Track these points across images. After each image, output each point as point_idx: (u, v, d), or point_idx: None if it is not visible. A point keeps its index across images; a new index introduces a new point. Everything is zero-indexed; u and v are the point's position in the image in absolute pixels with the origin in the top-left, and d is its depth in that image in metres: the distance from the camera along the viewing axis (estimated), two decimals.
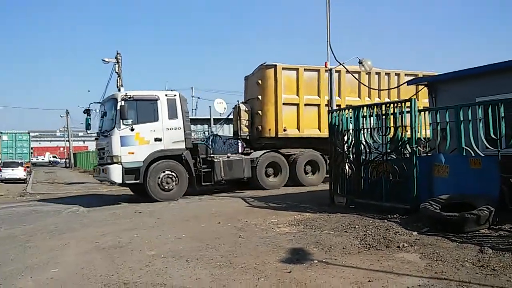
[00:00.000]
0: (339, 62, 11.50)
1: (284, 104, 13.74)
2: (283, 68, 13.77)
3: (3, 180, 26.34)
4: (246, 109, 14.52)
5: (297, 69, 13.91)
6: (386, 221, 7.29)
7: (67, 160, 53.74)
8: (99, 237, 7.58)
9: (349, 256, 5.51)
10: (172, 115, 11.98)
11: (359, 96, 14.58)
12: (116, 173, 11.37)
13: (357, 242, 6.16)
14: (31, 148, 45.62)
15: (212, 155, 13.08)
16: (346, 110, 9.37)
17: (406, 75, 14.65)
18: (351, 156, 9.11)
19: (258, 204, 10.69)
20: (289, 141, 14.06)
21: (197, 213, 9.89)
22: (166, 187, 11.83)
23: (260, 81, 14.00)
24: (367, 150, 8.69)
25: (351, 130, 9.09)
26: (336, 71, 13.31)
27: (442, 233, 6.20)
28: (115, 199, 13.49)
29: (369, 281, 4.50)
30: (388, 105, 8.52)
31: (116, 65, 20.63)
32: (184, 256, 5.89)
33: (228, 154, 13.67)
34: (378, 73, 14.82)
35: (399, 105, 8.15)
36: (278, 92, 13.66)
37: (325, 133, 13.03)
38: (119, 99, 11.48)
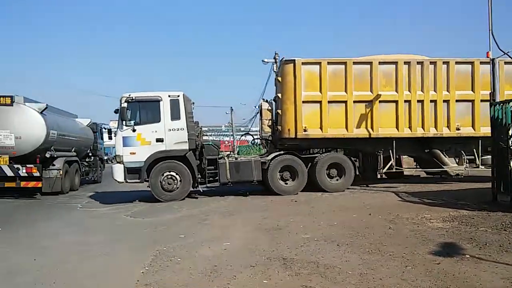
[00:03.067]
0: (503, 52, 10.45)
1: (304, 102, 12.32)
2: (303, 63, 12.36)
3: None
4: (269, 107, 13.68)
5: (319, 63, 12.37)
6: None
7: (231, 153, 58.85)
8: (261, 219, 8.60)
9: (505, 254, 5.34)
10: (175, 116, 11.83)
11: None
12: (118, 172, 11.79)
13: None
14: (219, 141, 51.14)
15: (219, 156, 12.62)
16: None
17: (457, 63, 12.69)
18: None
19: (411, 199, 10.57)
20: (313, 142, 12.89)
21: (349, 204, 10.32)
22: (168, 188, 11.79)
23: (279, 78, 12.86)
24: None
25: None
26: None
27: None
28: None
29: None
30: None
31: (274, 65, 22.11)
32: (335, 241, 6.42)
33: (236, 156, 13.30)
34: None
35: None
36: (297, 89, 12.29)
37: (354, 133, 12.45)
38: (122, 101, 11.72)
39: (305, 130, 12.28)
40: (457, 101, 12.54)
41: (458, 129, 12.52)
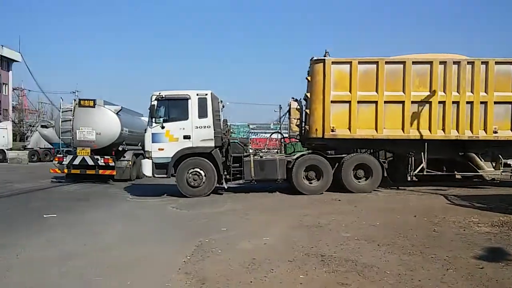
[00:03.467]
0: None
1: (332, 101, 12.18)
2: (333, 62, 12.23)
3: None
4: (298, 106, 13.46)
5: (350, 62, 12.19)
6: None
7: (278, 150, 59.26)
8: (301, 216, 8.64)
9: None
10: (202, 114, 12.07)
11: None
12: (147, 167, 12.18)
13: None
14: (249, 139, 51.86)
15: (245, 154, 12.56)
16: None
17: (497, 63, 12.08)
18: None
19: (460, 202, 10.24)
20: (341, 142, 12.60)
21: (393, 205, 10.14)
22: (193, 184, 12.01)
23: (309, 78, 12.63)
24: None
25: None
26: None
27: None
28: None
29: None
30: None
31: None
32: (376, 241, 6.36)
33: (261, 154, 13.15)
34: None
35: None
36: (326, 88, 12.14)
37: (383, 134, 12.14)
38: (152, 99, 12.01)
39: (332, 130, 12.20)
40: (495, 103, 12.02)
41: (495, 132, 12.02)
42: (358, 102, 12.12)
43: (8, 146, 33.23)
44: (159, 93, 12.12)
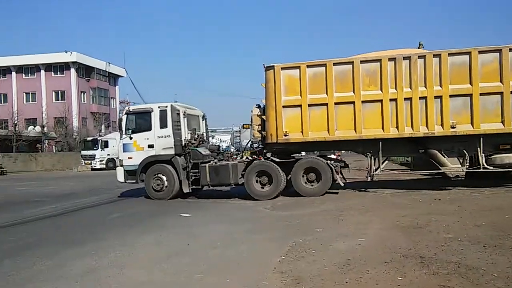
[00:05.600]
0: None
1: (284, 106, 12.24)
2: (282, 68, 12.26)
3: None
4: (259, 113, 13.30)
5: (298, 67, 12.15)
6: None
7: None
8: (398, 217, 8.34)
9: None
10: (163, 124, 13.07)
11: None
12: (119, 174, 13.57)
13: None
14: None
15: (201, 161, 12.99)
16: None
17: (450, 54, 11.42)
18: None
19: None
20: (301, 145, 12.75)
21: (501, 204, 9.40)
22: (157, 188, 13.03)
23: (263, 84, 12.72)
24: None
25: None
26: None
27: None
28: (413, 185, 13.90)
29: None
30: None
31: None
32: (481, 242, 5.96)
33: (216, 160, 13.39)
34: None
35: None
36: (278, 94, 12.25)
37: (335, 135, 12.06)
38: (122, 113, 13.48)
39: (285, 135, 12.33)
40: (451, 96, 11.37)
41: (453, 127, 11.37)
42: (309, 105, 12.18)
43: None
44: (128, 108, 14.13)
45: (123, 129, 13.51)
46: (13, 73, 51.80)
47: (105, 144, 35.31)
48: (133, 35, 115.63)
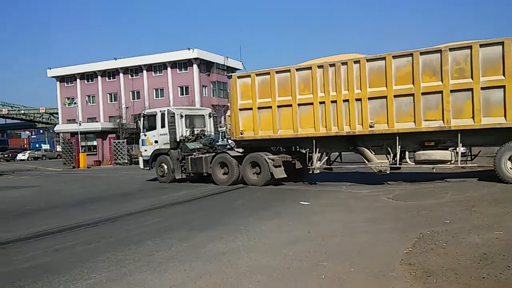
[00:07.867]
0: None
1: (240, 109, 14.38)
2: (238, 77, 14.68)
3: None
4: (229, 114, 15.83)
5: (249, 76, 14.24)
6: None
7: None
8: None
9: None
10: (163, 125, 16.91)
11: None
12: (141, 162, 18.13)
13: None
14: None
15: (188, 153, 16.14)
16: None
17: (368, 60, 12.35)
18: None
19: None
20: (263, 142, 14.50)
21: None
22: (161, 174, 16.97)
23: (229, 90, 15.36)
24: None
25: None
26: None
27: None
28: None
29: None
30: None
31: None
32: None
33: (196, 153, 15.95)
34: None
35: None
36: (234, 98, 14.49)
37: (278, 134, 13.74)
38: (140, 116, 18.24)
39: (241, 133, 14.39)
40: (369, 98, 12.24)
41: (371, 126, 12.23)
42: (258, 108, 14.00)
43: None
44: (143, 112, 18.56)
45: (141, 128, 17.72)
46: (144, 72, 56.92)
47: (224, 135, 37.18)
48: (251, 32, 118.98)
